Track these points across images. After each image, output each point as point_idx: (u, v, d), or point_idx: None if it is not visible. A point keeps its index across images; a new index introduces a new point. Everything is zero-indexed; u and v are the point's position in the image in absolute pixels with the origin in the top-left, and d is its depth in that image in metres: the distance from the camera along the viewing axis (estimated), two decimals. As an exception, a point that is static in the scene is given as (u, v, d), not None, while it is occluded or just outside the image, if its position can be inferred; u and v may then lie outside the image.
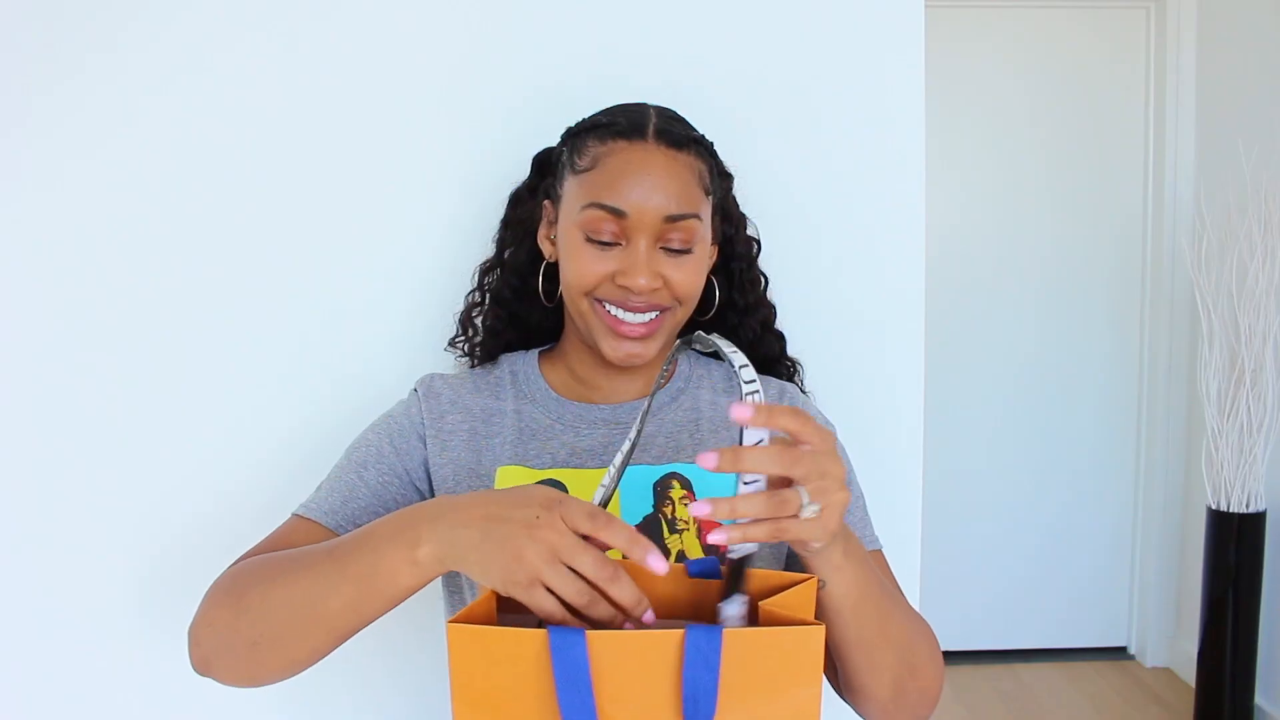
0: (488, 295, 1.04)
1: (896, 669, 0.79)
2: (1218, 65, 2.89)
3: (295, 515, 0.89)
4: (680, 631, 0.58)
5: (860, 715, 0.85)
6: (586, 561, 0.62)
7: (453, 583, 0.95)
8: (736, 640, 0.58)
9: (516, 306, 1.02)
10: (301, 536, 0.86)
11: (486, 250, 1.07)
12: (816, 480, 0.63)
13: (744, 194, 1.08)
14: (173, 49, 1.14)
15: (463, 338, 1.04)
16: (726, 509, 0.61)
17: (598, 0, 1.16)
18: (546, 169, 0.99)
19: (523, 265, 1.01)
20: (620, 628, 0.63)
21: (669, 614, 0.72)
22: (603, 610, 0.62)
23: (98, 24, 1.13)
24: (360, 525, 0.85)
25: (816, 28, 1.17)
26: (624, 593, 0.62)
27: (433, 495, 0.92)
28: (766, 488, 0.64)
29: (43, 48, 1.12)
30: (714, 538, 0.62)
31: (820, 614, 0.72)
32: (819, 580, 0.70)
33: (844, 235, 1.19)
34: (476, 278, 1.05)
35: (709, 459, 0.61)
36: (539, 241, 0.98)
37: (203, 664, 0.79)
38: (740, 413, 0.61)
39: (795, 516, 0.62)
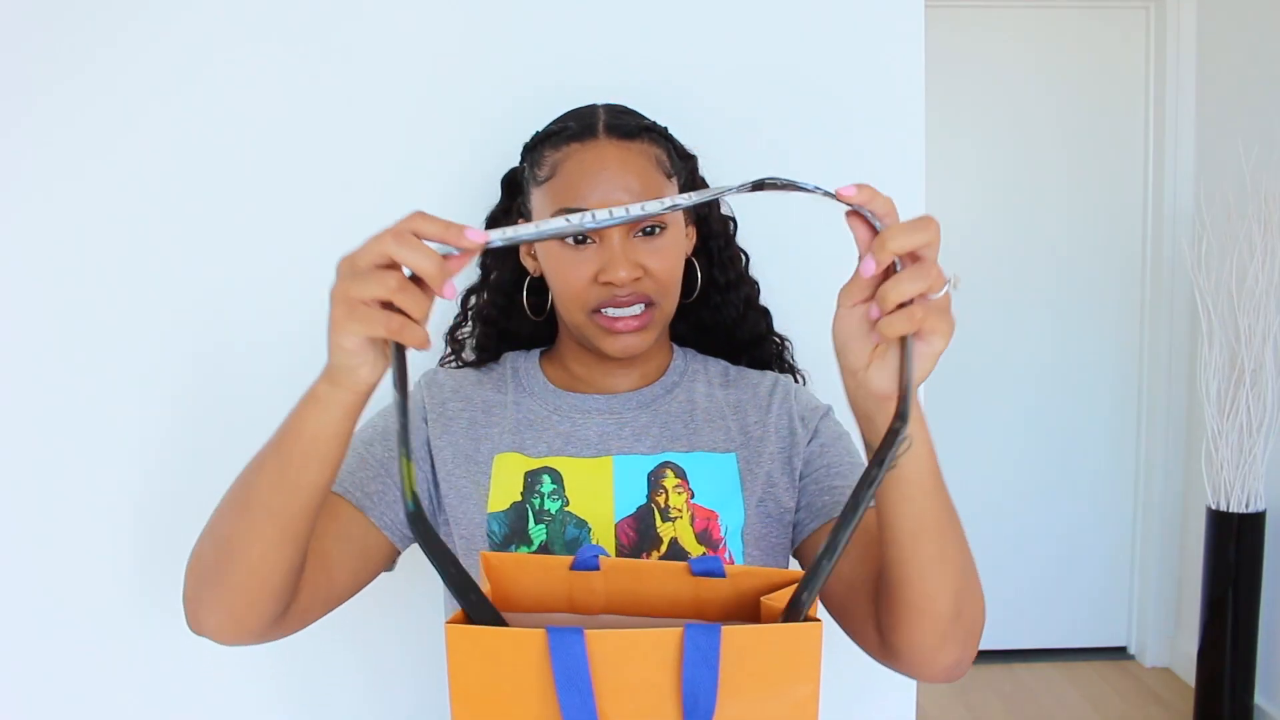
0: (471, 316, 1.06)
1: (960, 577, 0.74)
2: (1218, 65, 2.89)
3: None
4: (679, 629, 0.58)
5: (911, 648, 0.77)
6: (372, 250, 0.61)
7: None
8: (735, 637, 0.58)
9: (505, 324, 1.04)
10: None
11: (472, 269, 1.08)
12: (935, 258, 0.62)
13: (745, 194, 1.07)
14: (172, 52, 1.14)
15: (453, 356, 1.07)
16: (874, 302, 0.61)
17: (596, 2, 1.16)
18: (515, 189, 1.02)
19: (508, 284, 1.03)
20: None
21: (671, 614, 0.72)
22: (414, 298, 0.62)
23: (98, 25, 1.13)
24: (370, 493, 0.88)
25: (817, 28, 1.17)
26: (418, 258, 0.61)
27: (435, 476, 0.93)
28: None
29: (43, 49, 1.13)
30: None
31: (899, 493, 0.69)
32: (908, 440, 0.64)
33: (844, 235, 1.19)
34: (460, 300, 1.07)
35: (849, 190, 0.62)
36: (522, 259, 1.00)
37: (195, 619, 0.77)
38: (847, 190, 0.62)
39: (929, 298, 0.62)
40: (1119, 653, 3.24)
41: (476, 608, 0.62)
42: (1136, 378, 3.17)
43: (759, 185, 0.64)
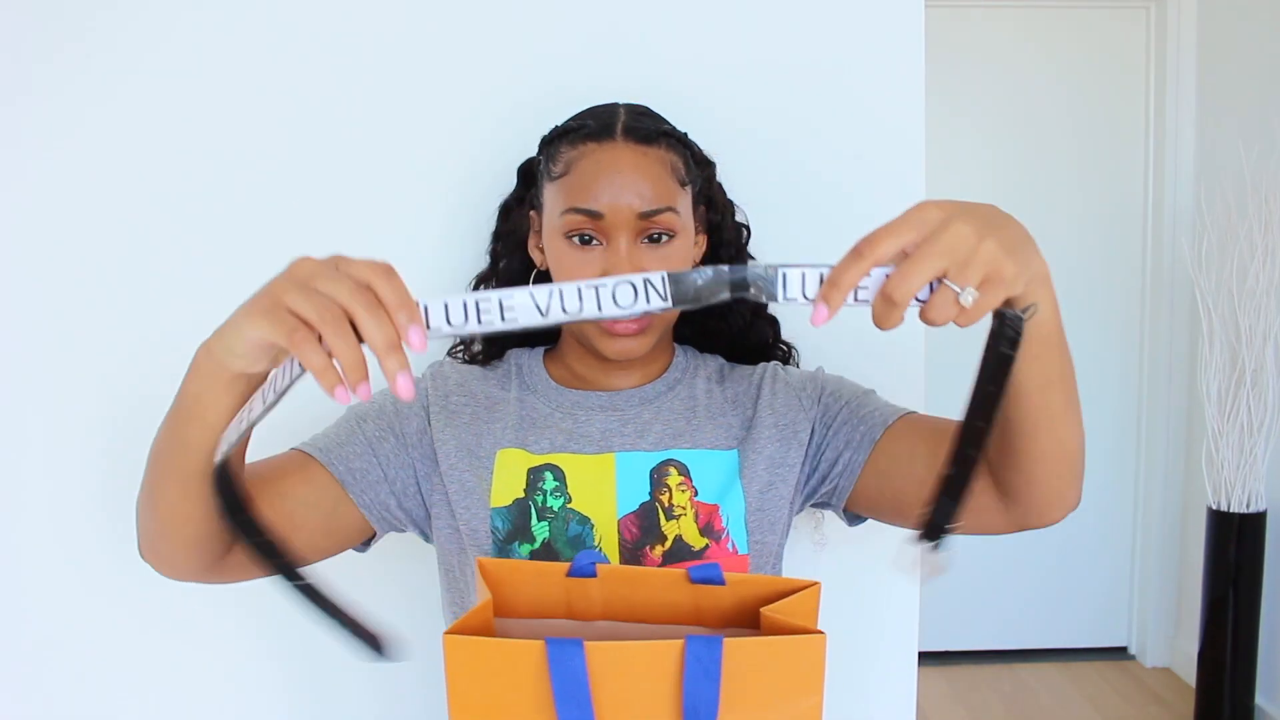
0: None
1: (1080, 414, 0.76)
2: (1218, 65, 2.89)
3: (292, 449, 0.91)
4: (680, 641, 0.57)
5: (1045, 496, 0.79)
6: (334, 286, 0.56)
7: (449, 576, 0.95)
8: (737, 649, 0.57)
9: None
10: (286, 461, 0.88)
11: (483, 257, 1.07)
12: (945, 260, 0.58)
13: (745, 194, 1.07)
14: (171, 54, 1.13)
15: (461, 347, 1.06)
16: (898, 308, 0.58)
17: (597, 1, 1.16)
18: (530, 179, 1.01)
19: (516, 275, 1.03)
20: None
21: (670, 620, 0.71)
22: (348, 348, 0.56)
23: (99, 25, 1.12)
24: (354, 469, 0.89)
25: (817, 28, 1.17)
26: (376, 333, 0.55)
27: (437, 468, 0.92)
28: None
29: (43, 49, 1.12)
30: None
31: (1027, 353, 0.68)
32: (1031, 307, 0.63)
33: (845, 237, 1.18)
34: (471, 288, 1.07)
35: (819, 313, 0.59)
36: (530, 251, 1.00)
37: (140, 550, 0.79)
38: (819, 316, 0.59)
39: (964, 307, 0.58)
40: (1119, 653, 3.24)
41: (246, 527, 0.65)
42: (1137, 378, 3.16)
43: (738, 287, 0.59)
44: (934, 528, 0.64)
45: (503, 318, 0.58)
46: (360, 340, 0.56)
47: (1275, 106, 2.60)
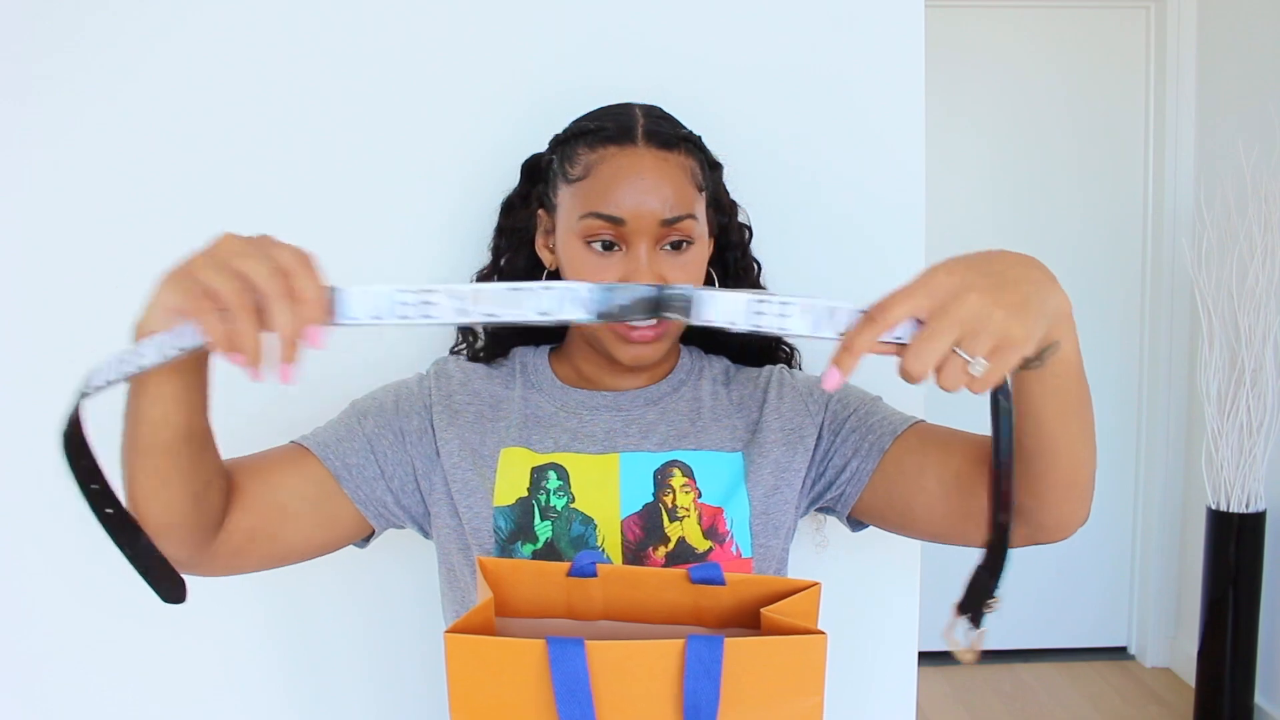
0: None
1: (1094, 439, 0.77)
2: (1218, 65, 2.89)
3: (292, 441, 0.91)
4: (681, 641, 0.57)
5: (1059, 516, 0.81)
6: (254, 267, 0.59)
7: (450, 575, 0.95)
8: (738, 649, 0.57)
9: None
10: (283, 453, 0.88)
11: (484, 255, 1.07)
12: (955, 331, 0.59)
13: (745, 194, 1.07)
14: (172, 53, 1.13)
15: (464, 344, 1.05)
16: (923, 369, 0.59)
17: (599, 2, 1.16)
18: (536, 175, 1.01)
19: (520, 272, 1.02)
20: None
21: (670, 620, 0.71)
22: (247, 323, 0.59)
23: (98, 23, 1.12)
24: (350, 465, 0.89)
25: (816, 28, 1.17)
26: (285, 323, 0.58)
27: (437, 465, 0.92)
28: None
29: (43, 49, 1.12)
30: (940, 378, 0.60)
31: (1042, 387, 0.70)
32: (1052, 346, 0.64)
33: (844, 237, 1.19)
34: (474, 284, 1.06)
35: (832, 378, 0.60)
36: (538, 250, 0.99)
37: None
38: (831, 381, 0.60)
39: (974, 375, 0.59)
40: (1119, 653, 3.24)
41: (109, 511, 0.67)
42: (1136, 378, 3.16)
43: (663, 305, 0.60)
44: (974, 604, 0.70)
45: (426, 315, 0.59)
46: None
47: (1275, 106, 2.60)
